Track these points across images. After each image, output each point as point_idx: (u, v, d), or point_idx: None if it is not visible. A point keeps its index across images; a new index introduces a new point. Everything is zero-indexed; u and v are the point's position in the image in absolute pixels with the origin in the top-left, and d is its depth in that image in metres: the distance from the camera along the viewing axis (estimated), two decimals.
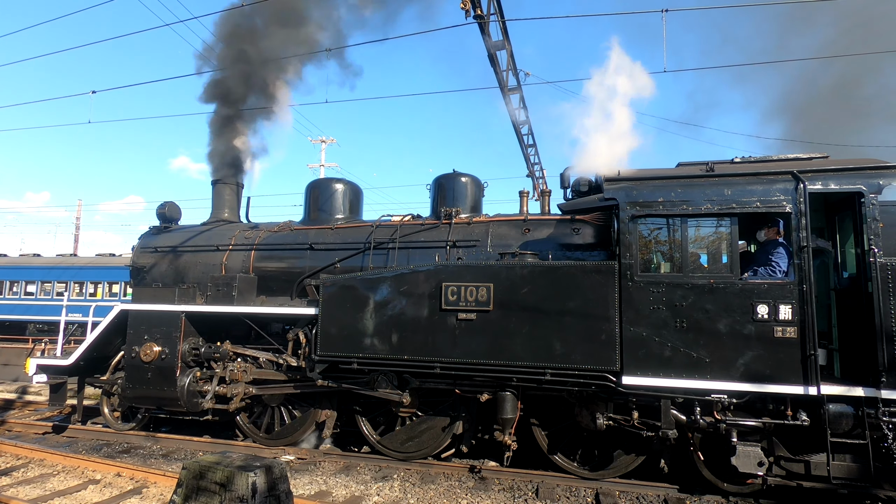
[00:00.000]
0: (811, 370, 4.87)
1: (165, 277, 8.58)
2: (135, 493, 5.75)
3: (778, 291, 5.04)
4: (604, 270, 5.46)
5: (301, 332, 7.03)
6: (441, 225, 7.39)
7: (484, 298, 5.76)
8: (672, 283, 5.27)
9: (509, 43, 10.15)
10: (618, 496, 5.73)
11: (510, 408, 5.98)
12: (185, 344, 7.32)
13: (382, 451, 6.87)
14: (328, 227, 8.02)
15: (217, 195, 9.45)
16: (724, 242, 5.37)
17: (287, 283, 7.80)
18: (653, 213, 5.45)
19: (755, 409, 5.24)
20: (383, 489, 5.92)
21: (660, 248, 5.66)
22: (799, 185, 5.16)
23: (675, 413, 5.39)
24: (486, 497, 5.71)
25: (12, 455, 7.01)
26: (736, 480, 5.54)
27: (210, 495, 3.21)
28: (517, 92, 11.81)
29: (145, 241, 9.13)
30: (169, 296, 7.51)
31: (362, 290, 6.29)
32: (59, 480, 6.18)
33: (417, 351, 5.99)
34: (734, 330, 5.08)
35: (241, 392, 7.28)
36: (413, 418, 6.80)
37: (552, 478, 6.17)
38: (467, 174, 7.91)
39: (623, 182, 5.65)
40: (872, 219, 4.97)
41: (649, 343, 5.25)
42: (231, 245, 8.33)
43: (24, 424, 8.76)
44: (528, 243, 6.79)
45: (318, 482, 6.12)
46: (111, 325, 7.71)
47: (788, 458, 5.22)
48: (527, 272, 5.70)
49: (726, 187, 5.33)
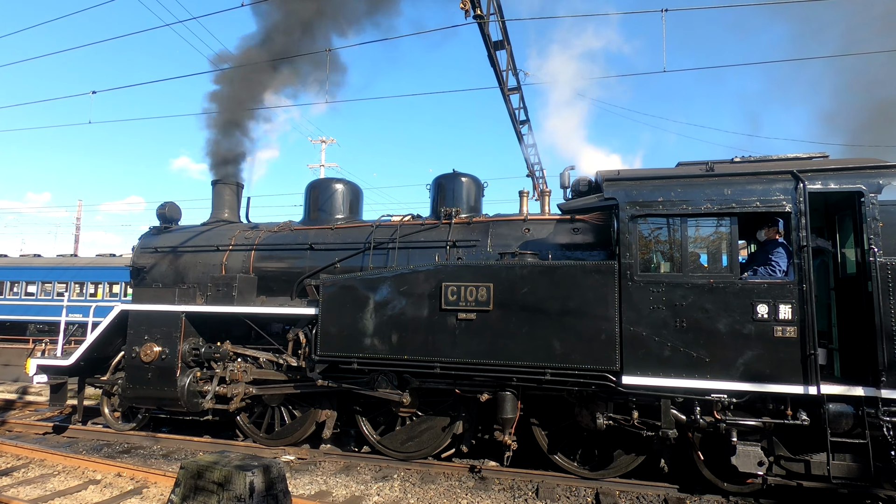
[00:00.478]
0: (811, 370, 4.87)
1: (165, 278, 8.59)
2: (135, 493, 5.75)
3: (778, 291, 5.04)
4: (604, 270, 5.46)
5: (301, 332, 7.03)
6: (441, 225, 7.39)
7: (484, 298, 5.76)
8: (672, 283, 5.27)
9: (509, 43, 10.15)
10: (618, 496, 5.73)
11: (510, 408, 5.98)
12: (185, 344, 7.33)
13: (382, 451, 6.87)
14: (328, 227, 8.03)
15: (217, 195, 9.48)
16: (723, 242, 5.37)
17: (287, 284, 7.81)
18: (653, 213, 5.45)
19: (755, 408, 5.24)
20: (383, 489, 5.92)
21: (660, 248, 5.66)
22: (799, 184, 5.16)
23: (675, 413, 5.39)
24: (486, 497, 5.71)
25: (13, 455, 7.01)
26: (736, 480, 5.54)
27: (208, 495, 3.21)
28: (517, 92, 11.81)
29: (145, 241, 9.14)
30: (169, 296, 7.52)
31: (362, 290, 6.29)
32: (59, 481, 6.19)
33: (417, 351, 5.99)
34: (734, 329, 5.08)
35: (242, 392, 7.28)
36: (413, 418, 6.81)
37: (552, 477, 6.18)
38: (467, 174, 7.92)
39: (623, 182, 5.64)
40: (872, 218, 4.97)
41: (649, 343, 5.25)
42: (231, 245, 8.34)
43: (24, 425, 8.77)
44: (527, 243, 6.79)
45: (318, 482, 6.12)
46: (111, 326, 7.72)
47: (788, 458, 5.22)
48: (527, 272, 5.70)
49: (726, 187, 5.33)
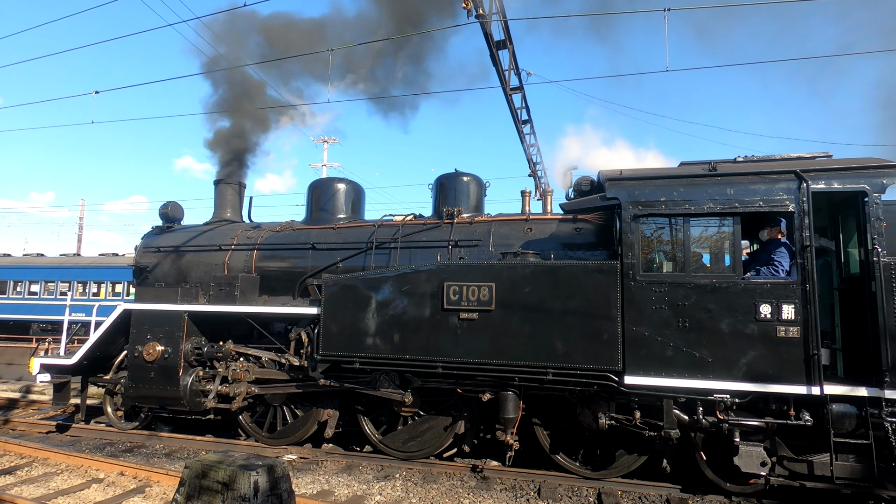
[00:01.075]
0: (814, 370, 4.86)
1: (168, 277, 8.61)
2: (137, 492, 5.76)
3: (781, 291, 5.03)
4: (606, 270, 5.45)
5: (303, 331, 7.03)
6: (443, 224, 7.39)
7: (486, 298, 5.75)
8: (674, 283, 5.26)
9: (511, 42, 10.14)
10: (620, 496, 5.72)
11: (512, 407, 5.98)
12: (187, 343, 7.34)
13: (384, 450, 6.87)
14: (330, 226, 8.03)
15: (219, 195, 9.49)
16: (726, 242, 5.36)
17: (289, 283, 7.82)
18: (655, 213, 5.44)
19: (758, 408, 5.23)
20: (385, 488, 5.93)
21: (662, 248, 5.65)
22: (802, 184, 5.14)
23: (678, 413, 5.38)
24: (487, 497, 5.71)
25: (16, 454, 7.03)
26: (738, 480, 5.53)
27: (212, 494, 3.22)
28: (519, 91, 11.79)
29: (148, 240, 9.16)
30: (171, 295, 7.53)
31: (364, 289, 6.30)
32: (62, 479, 6.20)
33: (419, 350, 5.99)
34: (737, 330, 5.06)
35: (244, 391, 7.29)
36: (415, 418, 6.81)
37: (554, 477, 6.17)
38: (469, 174, 7.91)
39: (625, 181, 5.63)
40: (876, 218, 4.96)
41: (651, 343, 5.25)
42: (233, 245, 8.35)
43: (27, 423, 8.79)
44: (529, 243, 6.78)
45: (320, 481, 6.12)
46: (114, 325, 7.74)
47: (791, 458, 5.21)
48: (529, 272, 5.70)
49: (729, 186, 5.32)
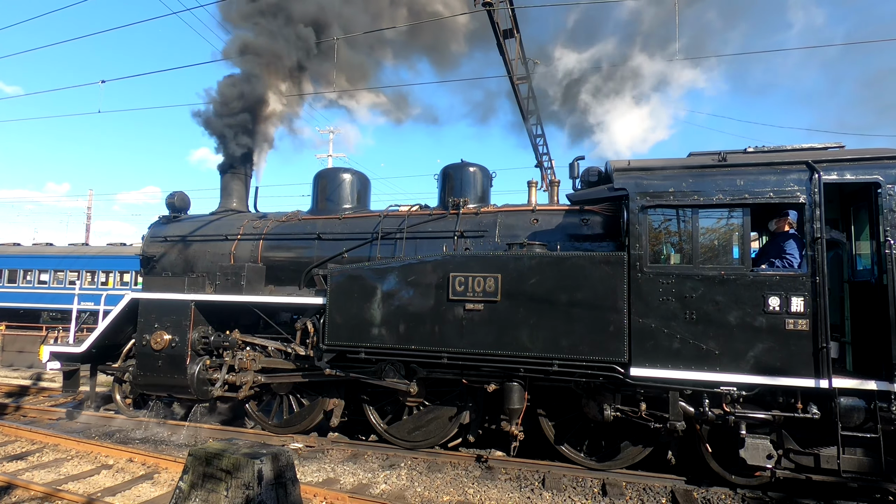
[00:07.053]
0: (823, 363, 4.81)
1: (175, 266, 8.65)
2: (146, 478, 5.84)
3: (790, 283, 4.97)
4: (613, 261, 5.41)
5: (309, 321, 7.05)
6: (449, 215, 7.36)
7: (492, 289, 5.73)
8: (682, 275, 5.22)
9: (518, 31, 10.02)
10: (624, 487, 5.72)
11: (517, 398, 5.98)
12: (194, 332, 7.39)
13: (390, 440, 6.91)
14: (336, 217, 8.02)
15: (225, 185, 9.48)
16: (735, 233, 5.29)
17: (295, 273, 7.83)
18: (663, 204, 5.38)
19: (765, 401, 5.20)
20: (390, 477, 5.96)
21: (670, 239, 5.59)
22: (814, 175, 5.06)
23: (684, 405, 5.36)
24: (492, 486, 5.73)
25: (27, 440, 7.14)
26: (744, 473, 5.51)
27: (216, 482, 3.23)
28: (525, 81, 11.67)
29: (155, 230, 9.19)
30: (179, 285, 7.57)
31: (370, 280, 6.29)
32: (72, 465, 6.29)
33: (425, 341, 6.00)
34: (745, 322, 5.02)
35: (251, 380, 7.34)
36: (420, 408, 6.83)
37: (559, 468, 6.18)
38: (475, 164, 7.85)
39: (633, 172, 5.57)
40: (889, 210, 4.88)
41: (658, 335, 5.21)
42: (240, 234, 8.36)
43: (38, 410, 8.91)
44: (536, 234, 6.74)
45: (325, 470, 6.17)
46: (122, 314, 7.80)
47: (798, 451, 5.18)
48: (535, 263, 5.67)
49: (738, 177, 5.25)
